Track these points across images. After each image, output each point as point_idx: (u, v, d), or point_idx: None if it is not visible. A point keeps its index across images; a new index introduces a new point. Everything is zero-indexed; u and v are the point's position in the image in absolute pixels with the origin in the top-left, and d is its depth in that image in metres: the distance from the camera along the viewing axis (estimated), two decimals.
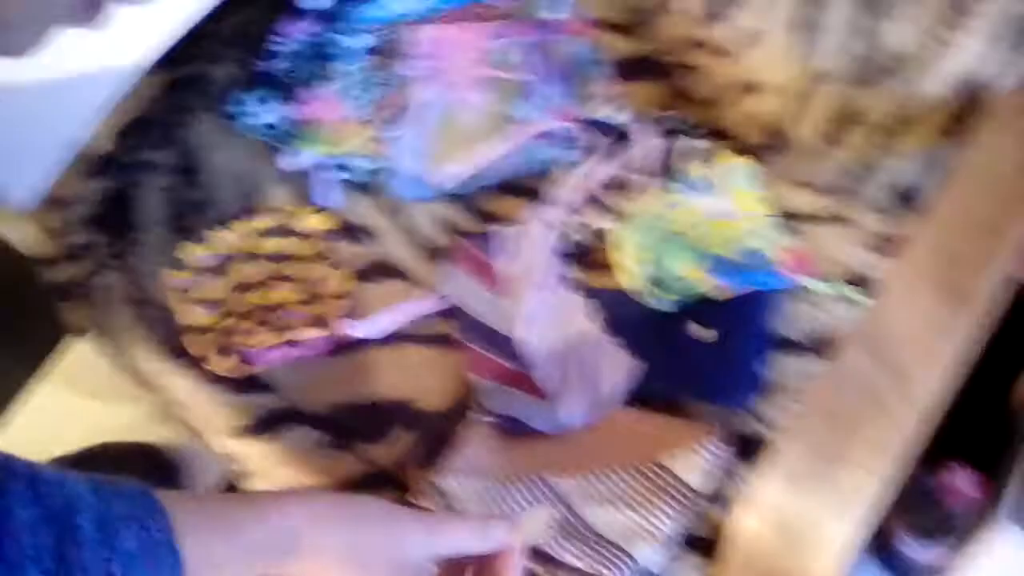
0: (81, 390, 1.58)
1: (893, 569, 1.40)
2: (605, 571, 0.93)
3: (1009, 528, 1.20)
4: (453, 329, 1.11)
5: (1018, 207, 0.95)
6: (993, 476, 1.24)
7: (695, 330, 1.05)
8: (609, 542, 0.95)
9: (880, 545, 1.40)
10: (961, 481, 1.18)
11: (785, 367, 1.03)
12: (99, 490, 0.73)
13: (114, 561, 0.70)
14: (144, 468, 1.50)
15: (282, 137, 1.19)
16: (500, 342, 1.08)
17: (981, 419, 1.42)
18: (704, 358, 1.04)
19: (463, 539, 0.85)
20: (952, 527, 1.25)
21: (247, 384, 1.09)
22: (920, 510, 1.26)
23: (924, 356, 0.88)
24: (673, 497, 0.97)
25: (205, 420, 1.10)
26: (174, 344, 1.11)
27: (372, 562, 0.82)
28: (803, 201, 1.13)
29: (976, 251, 0.92)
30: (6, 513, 0.68)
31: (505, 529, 0.85)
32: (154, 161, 1.19)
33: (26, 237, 1.17)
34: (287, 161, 1.17)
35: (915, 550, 1.30)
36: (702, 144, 1.15)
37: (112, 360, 1.19)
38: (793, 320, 1.05)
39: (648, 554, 0.94)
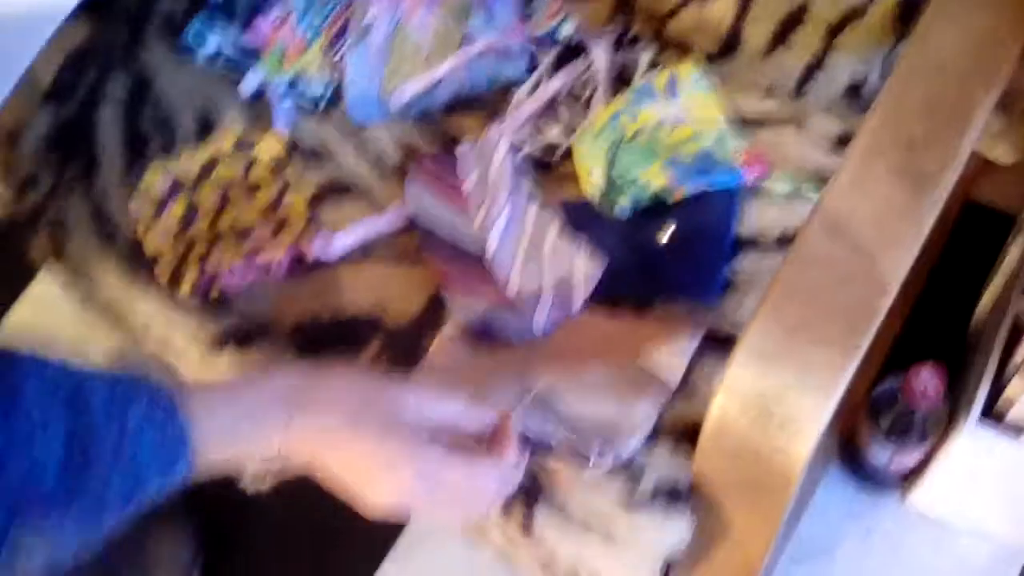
0: (47, 328, 1.57)
1: (862, 476, 1.42)
2: (586, 454, 0.94)
3: (971, 428, 1.22)
4: (415, 245, 1.11)
5: (968, 89, 0.96)
6: (956, 380, 1.26)
7: (656, 232, 1.06)
8: (588, 431, 0.96)
9: (849, 454, 1.42)
10: (928, 381, 1.19)
11: (749, 265, 1.05)
12: (104, 372, 0.74)
13: (125, 435, 0.72)
14: None
15: (236, 62, 1.18)
16: (469, 256, 1.09)
17: (944, 331, 1.45)
18: (668, 259, 1.05)
19: (452, 411, 0.88)
20: (918, 429, 1.27)
21: (213, 306, 1.09)
22: (887, 414, 1.28)
23: (887, 236, 0.90)
24: (649, 391, 0.98)
25: (173, 344, 1.09)
26: (139, 269, 1.11)
27: (369, 417, 0.84)
28: (755, 104, 1.14)
29: (930, 133, 0.93)
30: (16, 389, 0.69)
31: (491, 413, 0.87)
32: (106, 90, 1.18)
33: None
34: (243, 86, 1.17)
35: (882, 454, 1.32)
36: (648, 54, 1.16)
37: (76, 292, 1.19)
38: (755, 219, 1.06)
39: (627, 443, 0.94)
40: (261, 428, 0.81)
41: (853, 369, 0.86)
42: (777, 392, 0.87)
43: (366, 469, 0.84)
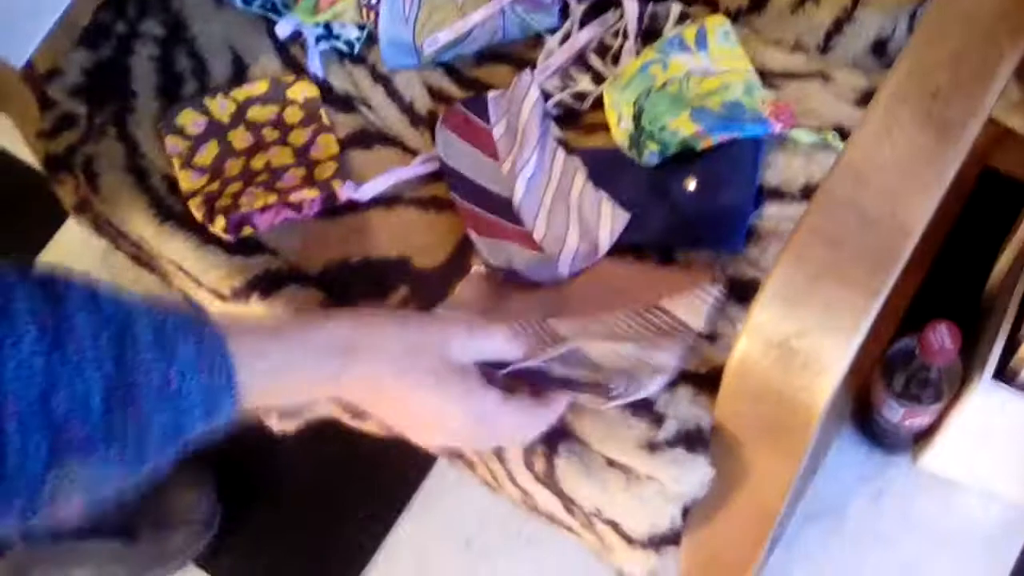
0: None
1: (875, 437, 1.44)
2: (611, 391, 0.95)
3: (984, 386, 1.24)
4: (444, 191, 1.12)
5: (994, 42, 0.97)
6: (969, 343, 1.27)
7: (683, 180, 1.08)
8: (613, 372, 0.97)
9: (861, 415, 1.44)
10: (945, 335, 1.21)
11: (773, 213, 1.06)
12: (153, 305, 0.74)
13: (172, 368, 0.71)
14: None
15: (271, 6, 1.20)
16: (497, 202, 1.10)
17: (958, 296, 1.46)
18: (693, 207, 1.07)
19: (501, 343, 0.90)
20: (932, 387, 1.29)
21: (244, 246, 1.11)
22: (902, 372, 1.30)
23: (911, 181, 0.91)
24: (673, 337, 0.99)
25: (204, 282, 1.11)
26: (172, 208, 1.13)
27: (422, 363, 0.85)
28: (781, 59, 1.16)
29: (955, 83, 0.95)
30: (68, 319, 0.69)
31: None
32: (142, 31, 1.19)
33: (19, 111, 1.17)
34: (277, 29, 1.18)
35: (895, 414, 1.34)
36: (677, 7, 1.18)
37: (107, 233, 1.21)
38: (780, 169, 1.08)
39: (652, 382, 0.96)
40: (311, 377, 0.82)
41: (875, 311, 0.88)
42: (800, 333, 0.88)
43: (419, 415, 0.86)
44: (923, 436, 1.42)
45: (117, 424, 0.69)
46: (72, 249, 1.52)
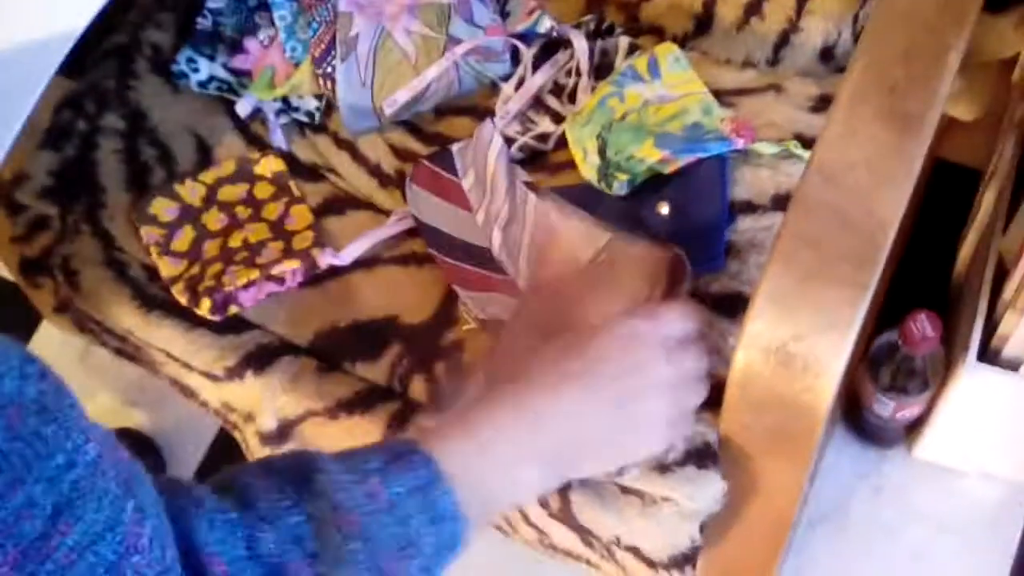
0: None
1: (868, 434, 1.46)
2: None
3: (969, 369, 1.27)
4: (422, 246, 1.14)
5: (939, 34, 1.00)
6: (947, 329, 1.30)
7: (656, 205, 1.10)
8: None
9: (852, 414, 1.46)
10: (926, 323, 1.23)
11: (748, 226, 1.08)
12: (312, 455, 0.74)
13: (369, 480, 0.72)
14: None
15: (228, 86, 1.21)
16: (477, 253, 1.12)
17: (927, 288, 1.49)
18: (669, 230, 1.09)
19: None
20: (918, 377, 1.31)
21: (232, 325, 1.12)
22: (887, 366, 1.32)
23: (880, 176, 0.93)
24: None
25: (195, 366, 1.11)
26: (154, 298, 1.13)
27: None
28: (733, 76, 1.18)
29: (910, 77, 0.97)
30: (246, 486, 0.71)
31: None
32: (105, 126, 1.20)
33: None
34: (237, 108, 1.20)
35: (885, 408, 1.36)
36: (625, 40, 1.20)
37: (90, 330, 1.21)
38: (748, 183, 1.10)
39: None
40: (517, 489, 0.83)
41: (866, 306, 0.90)
42: (796, 336, 0.90)
43: (617, 446, 0.87)
44: (915, 426, 1.44)
45: (341, 546, 0.69)
46: (49, 352, 1.51)
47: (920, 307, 1.26)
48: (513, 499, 0.85)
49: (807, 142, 1.11)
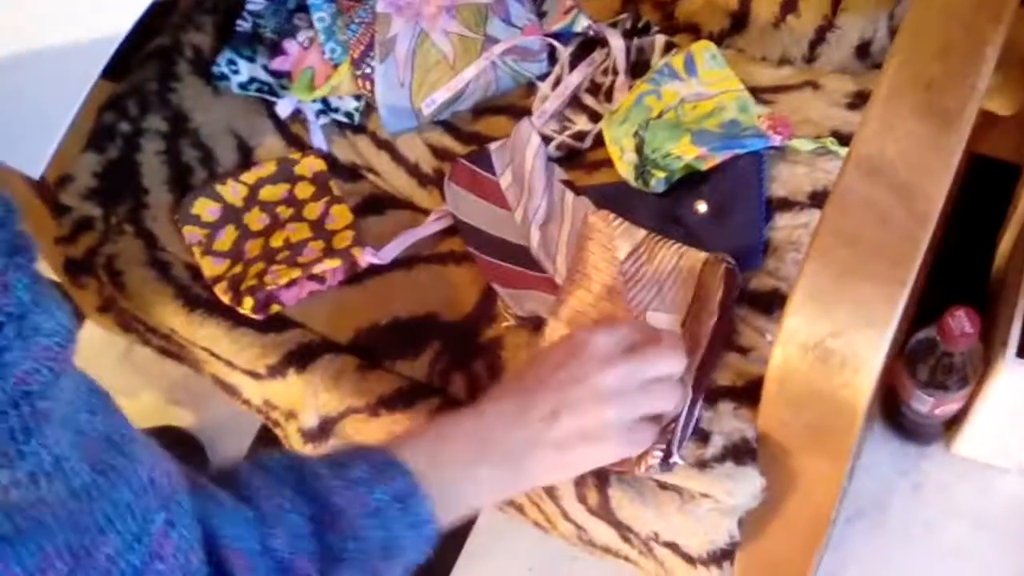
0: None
1: (906, 430, 1.46)
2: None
3: (1008, 364, 1.26)
4: (460, 245, 1.15)
5: (976, 28, 1.00)
6: (985, 326, 1.29)
7: (694, 203, 1.10)
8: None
9: (891, 410, 1.45)
10: (965, 319, 1.23)
11: (785, 223, 1.09)
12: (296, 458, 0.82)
13: (359, 488, 0.79)
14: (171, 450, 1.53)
15: (268, 87, 1.22)
16: (515, 251, 1.13)
17: (966, 284, 1.49)
18: (707, 228, 1.09)
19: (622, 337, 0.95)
20: (957, 373, 1.31)
21: (274, 323, 1.13)
22: (925, 363, 1.32)
23: (919, 171, 0.93)
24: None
25: (238, 364, 1.13)
26: (199, 296, 1.15)
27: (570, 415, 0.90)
28: (770, 74, 1.19)
29: (947, 72, 0.98)
30: (248, 486, 0.76)
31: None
32: (148, 128, 1.22)
33: (32, 222, 1.19)
34: (278, 109, 1.21)
35: (924, 404, 1.36)
36: (662, 38, 1.21)
37: (134, 329, 1.22)
38: (785, 180, 1.11)
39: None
40: (478, 488, 0.89)
41: (903, 301, 0.90)
42: (834, 333, 0.90)
43: (568, 453, 0.91)
44: (954, 422, 1.44)
45: (336, 545, 0.76)
46: (92, 351, 1.53)
47: (959, 303, 1.26)
48: (474, 497, 0.89)
49: (844, 139, 1.11)
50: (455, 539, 1.50)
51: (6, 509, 0.57)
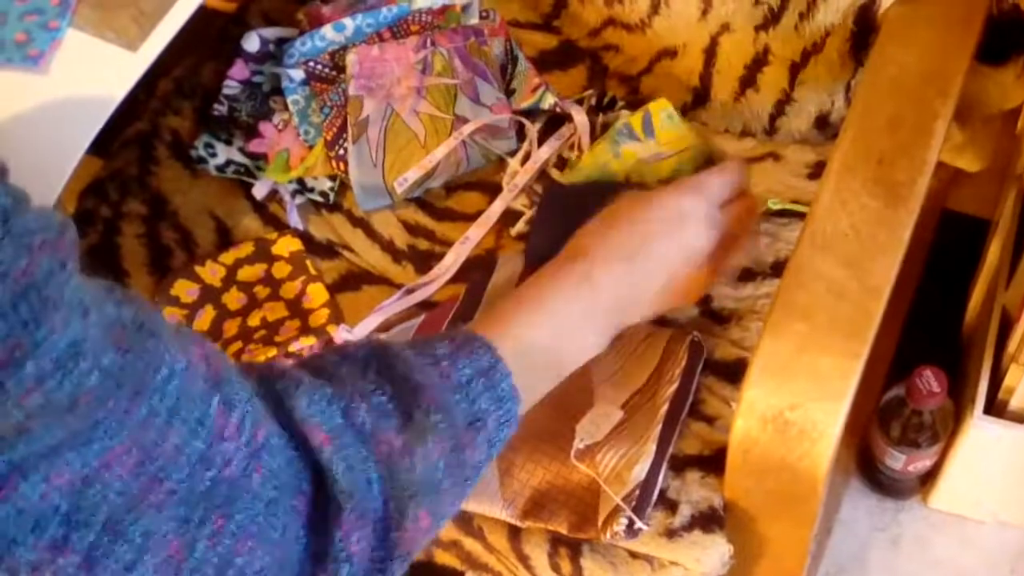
0: None
1: (882, 485, 1.48)
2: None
3: (976, 422, 1.29)
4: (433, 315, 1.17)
5: (926, 103, 1.03)
6: (956, 381, 1.32)
7: None
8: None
9: (866, 466, 1.47)
10: (931, 379, 1.25)
11: (750, 294, 1.11)
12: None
13: (441, 363, 0.82)
14: None
15: (245, 169, 1.26)
16: None
17: (938, 339, 1.51)
18: None
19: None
20: (927, 430, 1.33)
21: None
22: (897, 421, 1.34)
23: (871, 246, 0.96)
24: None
25: None
26: None
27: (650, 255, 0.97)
28: (732, 146, 1.22)
29: (897, 147, 1.01)
30: (327, 367, 0.79)
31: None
32: (127, 211, 1.25)
33: None
34: (255, 190, 1.24)
35: (897, 461, 1.38)
36: (626, 113, 1.24)
37: None
38: (749, 249, 1.13)
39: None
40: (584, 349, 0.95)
41: (859, 373, 0.93)
42: (792, 405, 0.93)
43: (661, 303, 1.00)
44: (929, 477, 1.46)
45: (420, 419, 0.77)
46: None
47: (931, 359, 1.29)
48: (579, 356, 0.95)
49: (805, 204, 1.13)
50: None
51: (57, 408, 0.58)
